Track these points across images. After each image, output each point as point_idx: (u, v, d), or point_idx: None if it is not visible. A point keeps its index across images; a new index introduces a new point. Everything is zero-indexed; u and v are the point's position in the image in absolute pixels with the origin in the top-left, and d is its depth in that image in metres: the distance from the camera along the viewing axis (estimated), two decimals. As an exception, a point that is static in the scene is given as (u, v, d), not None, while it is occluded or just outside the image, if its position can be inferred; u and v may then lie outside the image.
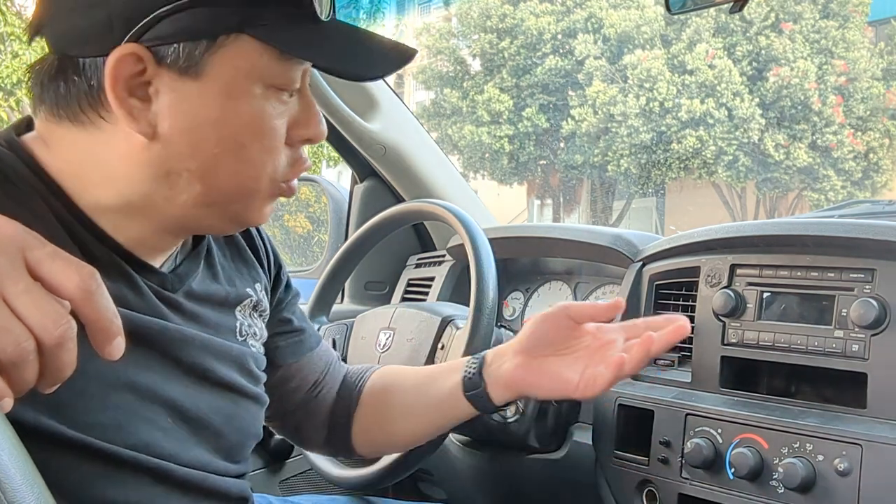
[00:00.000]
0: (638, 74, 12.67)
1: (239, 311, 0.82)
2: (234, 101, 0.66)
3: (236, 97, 0.66)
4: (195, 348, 0.73)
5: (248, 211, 0.72)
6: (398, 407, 0.98)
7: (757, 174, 12.94)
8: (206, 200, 0.69)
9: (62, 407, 0.63)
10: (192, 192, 0.68)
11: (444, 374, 0.96)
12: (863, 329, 0.95)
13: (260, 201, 0.72)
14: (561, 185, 14.97)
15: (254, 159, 0.69)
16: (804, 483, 0.93)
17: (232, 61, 0.66)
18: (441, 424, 0.98)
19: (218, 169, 0.68)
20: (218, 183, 0.68)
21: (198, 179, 0.68)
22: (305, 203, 2.13)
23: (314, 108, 0.73)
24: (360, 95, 1.57)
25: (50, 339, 0.44)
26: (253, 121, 0.67)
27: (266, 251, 0.90)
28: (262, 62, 0.66)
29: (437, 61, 14.99)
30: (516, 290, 1.59)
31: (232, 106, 0.66)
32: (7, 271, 0.45)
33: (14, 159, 0.67)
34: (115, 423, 0.66)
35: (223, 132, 0.67)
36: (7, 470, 0.43)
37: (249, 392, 0.80)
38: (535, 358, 0.89)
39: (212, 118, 0.66)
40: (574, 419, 1.25)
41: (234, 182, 0.69)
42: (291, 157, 0.72)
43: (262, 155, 0.69)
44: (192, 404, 0.72)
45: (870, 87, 12.53)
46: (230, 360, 0.77)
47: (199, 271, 0.78)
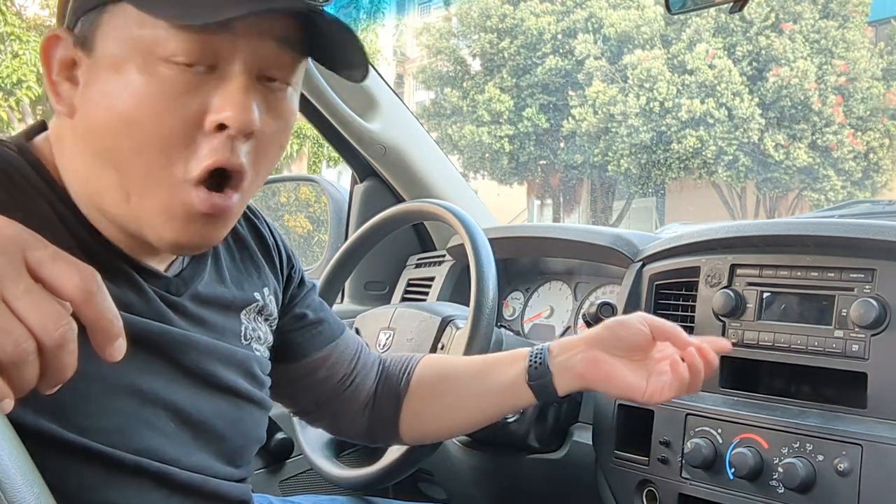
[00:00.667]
0: (638, 74, 12.67)
1: (244, 314, 0.81)
2: (122, 75, 0.62)
3: (124, 71, 0.62)
4: (199, 352, 0.73)
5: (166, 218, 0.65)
6: (455, 396, 0.98)
7: (757, 174, 12.94)
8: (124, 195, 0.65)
9: (64, 410, 0.63)
10: (111, 181, 0.65)
11: (505, 364, 0.96)
12: (863, 329, 0.95)
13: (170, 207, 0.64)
14: (561, 185, 14.97)
15: (147, 142, 0.62)
16: (804, 483, 0.93)
17: (114, 32, 0.63)
18: (497, 413, 0.99)
19: (118, 152, 0.63)
20: (124, 167, 0.64)
21: (111, 165, 0.64)
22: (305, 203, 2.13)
23: (234, 90, 0.62)
24: (360, 95, 1.57)
25: (50, 340, 0.44)
26: (137, 97, 0.62)
27: (279, 251, 0.89)
28: (145, 31, 0.62)
29: (437, 61, 15.00)
30: (516, 290, 1.59)
31: (121, 81, 0.62)
32: (7, 272, 0.45)
33: (21, 163, 0.67)
34: (117, 427, 0.66)
35: (116, 109, 0.62)
36: (7, 470, 0.43)
37: (253, 397, 0.79)
38: (607, 356, 0.90)
39: (106, 94, 0.63)
40: (574, 419, 1.25)
41: (134, 167, 0.63)
42: (209, 145, 0.63)
43: (154, 137, 0.62)
44: (195, 408, 0.72)
45: (870, 87, 12.53)
46: (234, 364, 0.77)
47: (206, 274, 0.78)
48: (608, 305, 1.18)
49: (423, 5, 16.77)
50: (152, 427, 0.68)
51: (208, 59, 0.62)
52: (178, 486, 0.70)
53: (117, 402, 0.66)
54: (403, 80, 16.89)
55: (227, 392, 0.76)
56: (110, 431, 0.65)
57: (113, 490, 0.66)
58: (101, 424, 0.64)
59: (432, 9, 16.39)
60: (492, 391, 0.96)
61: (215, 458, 0.75)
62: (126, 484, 0.66)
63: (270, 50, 0.64)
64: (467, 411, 0.98)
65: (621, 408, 1.15)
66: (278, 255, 0.89)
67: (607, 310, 1.17)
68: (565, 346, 0.93)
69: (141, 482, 0.67)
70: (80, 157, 0.67)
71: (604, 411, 1.17)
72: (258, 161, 0.67)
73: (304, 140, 11.02)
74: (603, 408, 1.18)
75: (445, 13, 15.52)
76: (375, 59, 10.82)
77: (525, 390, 0.93)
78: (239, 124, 0.62)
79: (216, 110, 0.62)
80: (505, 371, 0.95)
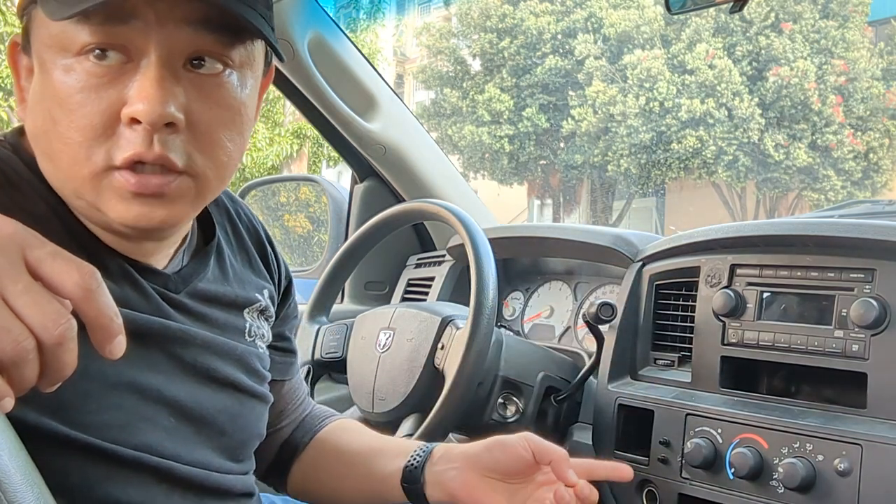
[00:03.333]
0: (638, 74, 12.67)
1: (248, 312, 0.82)
2: (47, 75, 0.63)
3: (47, 71, 0.63)
4: (198, 347, 0.73)
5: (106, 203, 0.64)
6: (336, 468, 0.94)
7: (757, 174, 12.94)
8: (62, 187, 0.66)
9: (64, 407, 0.63)
10: (60, 178, 0.66)
11: (391, 455, 0.90)
12: (863, 329, 0.95)
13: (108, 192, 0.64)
14: (561, 185, 14.97)
15: (68, 136, 0.63)
16: (804, 483, 0.93)
17: (37, 33, 0.64)
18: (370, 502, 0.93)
19: (53, 147, 0.64)
20: (59, 163, 0.64)
21: (52, 162, 0.65)
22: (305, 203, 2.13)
23: (145, 82, 0.61)
24: (360, 95, 1.57)
25: (50, 338, 0.44)
26: (58, 94, 0.62)
27: (277, 265, 0.90)
28: (56, 29, 0.62)
29: (437, 61, 15.00)
30: (516, 290, 1.59)
31: (46, 81, 0.63)
32: (6, 270, 0.45)
33: (16, 161, 0.67)
34: (118, 424, 0.66)
35: (45, 109, 0.63)
36: (7, 470, 0.43)
37: (254, 391, 0.79)
38: (482, 478, 0.84)
39: (37, 96, 0.65)
40: (574, 419, 1.25)
41: (63, 161, 0.64)
42: (126, 137, 0.62)
43: (73, 132, 0.62)
44: (195, 404, 0.72)
45: (870, 87, 12.53)
46: (234, 359, 0.77)
47: (208, 272, 0.78)
48: (608, 305, 1.18)
49: (423, 5, 16.77)
50: (153, 422, 0.68)
51: (120, 49, 0.61)
52: (179, 481, 0.70)
53: (117, 398, 0.66)
54: (403, 80, 16.89)
55: (228, 387, 0.76)
56: (111, 427, 0.65)
57: (114, 486, 0.66)
58: (102, 420, 0.65)
59: (432, 9, 16.40)
60: (369, 478, 0.91)
61: (217, 453, 0.75)
62: (127, 479, 0.66)
63: (186, 35, 0.62)
64: (346, 492, 0.93)
65: (621, 408, 1.15)
66: (277, 269, 0.89)
67: (607, 310, 1.17)
68: (446, 456, 0.86)
69: (142, 477, 0.67)
70: (41, 160, 0.67)
71: (604, 411, 1.17)
72: (204, 150, 0.65)
73: (304, 140, 11.03)
74: (603, 408, 1.18)
75: (445, 13, 15.53)
76: (375, 59, 10.83)
77: (398, 489, 0.87)
78: (149, 117, 0.61)
79: (129, 103, 0.61)
80: (388, 462, 0.89)
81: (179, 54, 0.63)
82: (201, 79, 0.64)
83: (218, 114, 0.66)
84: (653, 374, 1.18)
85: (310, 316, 1.42)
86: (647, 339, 1.21)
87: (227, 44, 0.65)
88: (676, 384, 1.13)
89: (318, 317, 1.42)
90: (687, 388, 1.12)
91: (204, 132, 0.65)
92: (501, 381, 1.20)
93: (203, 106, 0.64)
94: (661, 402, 1.11)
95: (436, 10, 16.21)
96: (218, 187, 0.70)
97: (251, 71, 0.69)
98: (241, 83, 0.67)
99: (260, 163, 10.58)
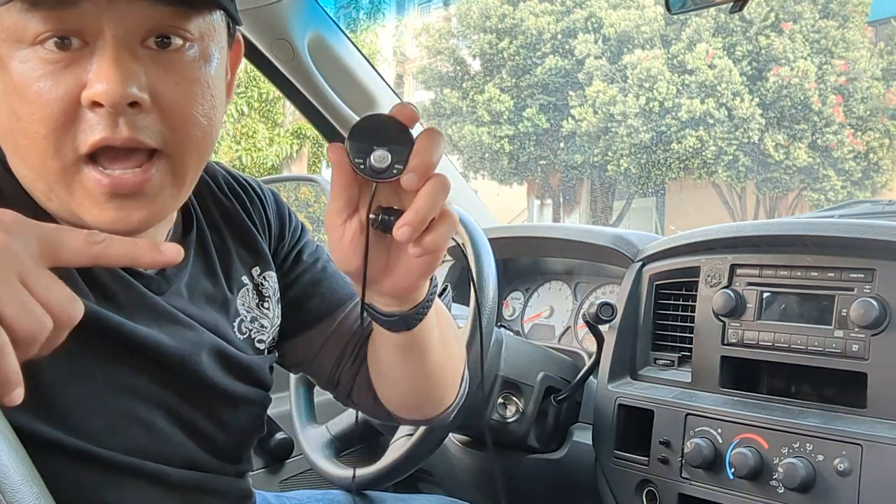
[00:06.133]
0: (638, 74, 12.66)
1: (240, 301, 0.78)
2: (5, 70, 0.60)
3: (5, 66, 0.60)
4: (188, 353, 0.70)
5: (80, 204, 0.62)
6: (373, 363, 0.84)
7: (757, 174, 12.93)
8: (45, 189, 0.63)
9: (57, 413, 0.62)
10: (29, 177, 0.63)
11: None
12: (863, 329, 0.95)
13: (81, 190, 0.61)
14: (561, 185, 14.96)
15: (32, 131, 0.60)
16: (804, 483, 0.93)
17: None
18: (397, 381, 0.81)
19: (19, 144, 0.61)
20: (28, 161, 0.62)
21: (23, 163, 0.63)
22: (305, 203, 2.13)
23: (103, 63, 0.59)
24: (360, 95, 1.57)
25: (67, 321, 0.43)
26: (17, 87, 0.59)
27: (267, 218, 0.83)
28: (6, 21, 0.59)
29: (437, 61, 14.99)
30: (516, 290, 1.59)
31: (5, 76, 0.60)
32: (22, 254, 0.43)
33: (2, 171, 0.66)
34: (110, 428, 0.65)
35: (7, 105, 0.61)
36: (6, 470, 0.43)
37: (247, 395, 0.77)
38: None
39: (1, 95, 0.61)
40: (574, 419, 1.25)
41: (29, 154, 0.61)
42: (88, 121, 0.59)
43: (36, 125, 0.59)
44: (186, 409, 0.71)
45: (870, 87, 12.52)
46: (224, 362, 0.74)
47: (189, 268, 0.74)
48: (608, 305, 1.18)
49: (423, 5, 16.75)
50: (145, 427, 0.68)
51: (74, 33, 0.59)
52: (174, 485, 0.70)
53: (109, 403, 0.65)
54: (403, 80, 16.87)
55: (219, 392, 0.73)
56: (103, 432, 0.65)
57: (108, 490, 0.66)
58: (94, 426, 0.64)
59: (432, 9, 16.38)
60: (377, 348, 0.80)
61: (211, 456, 0.74)
62: (122, 484, 0.66)
63: (140, 10, 0.59)
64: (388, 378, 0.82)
65: (621, 408, 1.15)
66: (267, 224, 0.83)
67: (607, 310, 1.17)
68: None
69: (136, 481, 0.67)
70: (10, 158, 0.65)
71: (604, 411, 1.17)
72: (175, 128, 0.63)
73: (304, 140, 11.02)
74: (603, 408, 1.18)
75: (445, 13, 15.51)
76: (375, 59, 10.82)
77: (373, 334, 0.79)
78: (109, 98, 0.58)
79: (88, 86, 0.59)
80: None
81: (136, 32, 0.60)
82: (162, 55, 0.62)
83: (185, 89, 0.63)
84: (653, 374, 1.18)
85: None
86: (647, 339, 1.21)
87: (183, 15, 0.62)
88: (676, 384, 1.13)
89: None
90: (687, 388, 1.12)
91: (173, 109, 0.62)
92: (501, 381, 1.20)
93: (167, 82, 0.62)
94: (661, 402, 1.11)
95: (435, 10, 16.20)
96: (196, 167, 0.67)
97: (213, 43, 0.65)
98: (203, 56, 0.64)
99: (260, 163, 10.57)
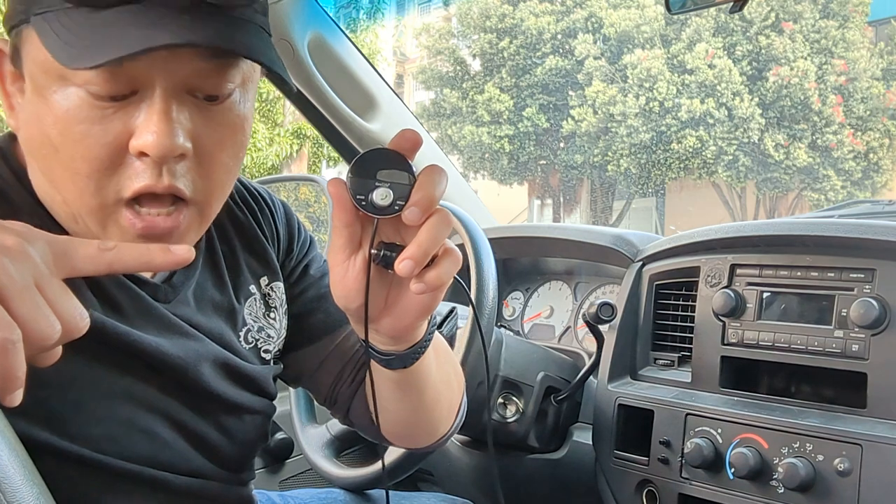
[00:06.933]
0: (638, 74, 12.67)
1: (247, 311, 0.77)
2: (43, 98, 0.60)
3: (44, 95, 0.60)
4: (192, 362, 0.70)
5: (101, 235, 0.63)
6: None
7: (757, 174, 12.94)
8: (70, 213, 0.63)
9: (58, 419, 0.62)
10: (58, 202, 0.63)
11: None
12: (863, 329, 0.95)
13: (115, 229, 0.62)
14: (561, 185, 14.97)
15: (73, 167, 0.60)
16: (804, 483, 0.93)
17: (31, 55, 0.60)
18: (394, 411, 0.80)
19: (53, 173, 0.61)
20: (61, 191, 0.62)
21: (52, 186, 0.63)
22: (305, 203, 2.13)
23: (153, 116, 0.59)
24: (360, 95, 1.57)
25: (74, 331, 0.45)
26: (58, 122, 0.59)
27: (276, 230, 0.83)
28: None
29: (436, 61, 15.00)
30: (516, 290, 1.59)
31: (43, 104, 0.60)
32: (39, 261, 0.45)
33: (5, 170, 0.66)
34: (111, 435, 0.65)
35: (43, 132, 0.61)
36: (6, 470, 0.43)
37: (252, 405, 0.76)
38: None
39: (34, 116, 0.61)
40: (574, 419, 1.25)
41: (68, 192, 0.62)
42: (134, 169, 0.60)
43: (79, 163, 0.60)
44: (190, 419, 0.70)
45: (870, 87, 12.53)
46: (229, 372, 0.74)
47: (197, 276, 0.74)
48: (608, 305, 1.18)
49: (423, 5, 16.75)
50: (147, 434, 0.67)
51: (123, 88, 0.59)
52: (176, 492, 0.69)
53: (110, 410, 0.65)
54: (403, 80, 16.88)
55: (223, 401, 0.73)
56: (104, 439, 0.64)
57: (110, 497, 0.65)
58: (95, 433, 0.64)
59: (432, 9, 16.38)
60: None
61: (214, 464, 0.73)
62: (123, 491, 0.66)
63: (193, 64, 0.60)
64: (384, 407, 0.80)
65: (621, 408, 1.15)
66: (276, 236, 0.83)
67: (607, 310, 1.17)
68: None
69: (138, 489, 0.67)
70: (34, 174, 0.65)
71: (604, 411, 1.17)
72: (208, 175, 0.64)
73: (304, 140, 11.02)
74: (603, 408, 1.18)
75: (445, 13, 15.51)
76: (375, 59, 10.82)
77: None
78: (159, 151, 0.59)
79: (137, 136, 0.59)
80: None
81: (185, 84, 0.61)
82: (206, 105, 0.63)
83: (222, 134, 0.64)
84: (653, 374, 1.18)
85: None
86: (646, 338, 1.21)
87: (231, 66, 0.63)
88: (676, 384, 1.13)
89: (318, 317, 1.42)
90: (687, 388, 1.12)
91: (208, 156, 0.64)
92: (501, 381, 1.20)
93: (208, 130, 0.63)
94: (661, 402, 1.11)
95: (435, 10, 16.20)
96: (218, 207, 0.68)
97: (252, 82, 0.67)
98: (243, 98, 0.66)
99: (260, 163, 10.57)
